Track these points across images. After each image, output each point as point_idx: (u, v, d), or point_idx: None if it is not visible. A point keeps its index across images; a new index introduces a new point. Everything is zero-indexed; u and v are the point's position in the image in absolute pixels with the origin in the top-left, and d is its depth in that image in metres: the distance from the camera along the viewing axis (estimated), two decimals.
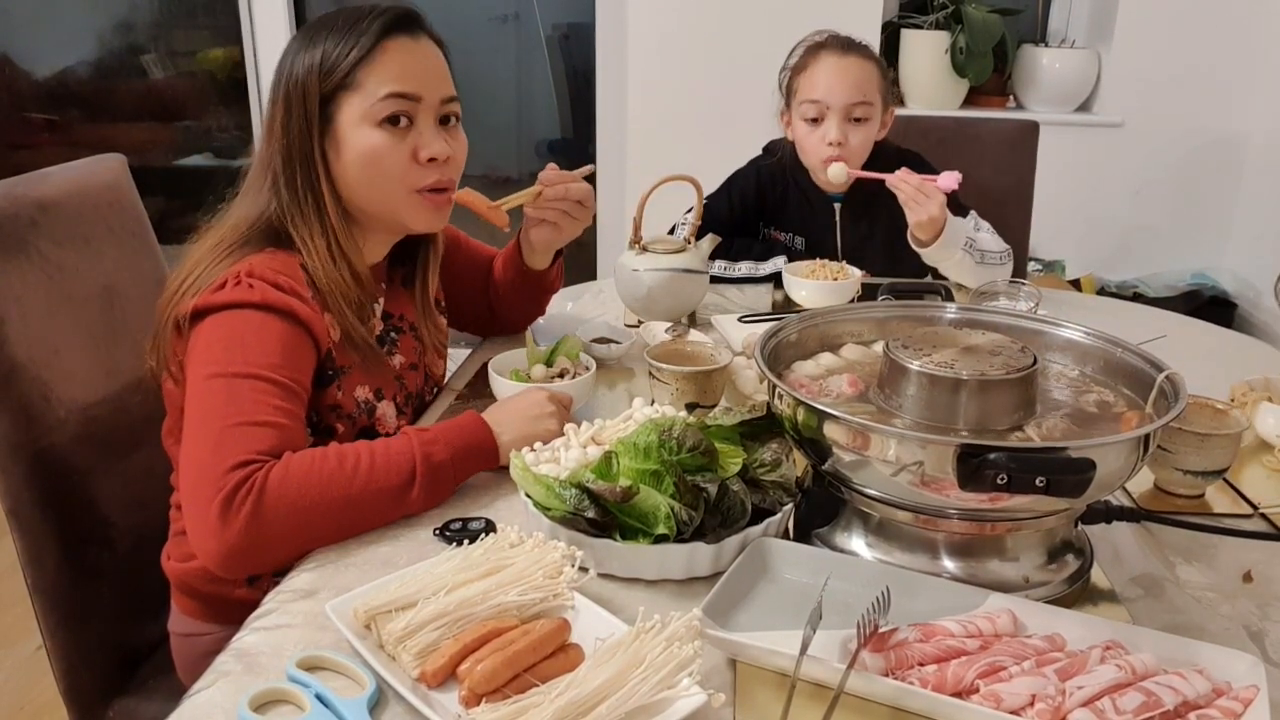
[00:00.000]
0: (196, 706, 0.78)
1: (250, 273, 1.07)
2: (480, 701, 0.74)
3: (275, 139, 1.14)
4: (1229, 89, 3.03)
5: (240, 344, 1.04)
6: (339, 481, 0.98)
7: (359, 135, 1.13)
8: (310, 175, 1.14)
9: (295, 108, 1.13)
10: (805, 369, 1.10)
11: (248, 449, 0.97)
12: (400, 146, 1.14)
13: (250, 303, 1.05)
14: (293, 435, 1.02)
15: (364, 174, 1.15)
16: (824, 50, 1.78)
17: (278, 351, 1.05)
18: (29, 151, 3.50)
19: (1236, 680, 0.77)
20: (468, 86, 1.19)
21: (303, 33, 1.16)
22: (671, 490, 0.92)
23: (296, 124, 1.13)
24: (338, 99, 1.13)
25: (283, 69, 1.15)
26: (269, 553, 0.97)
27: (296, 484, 0.96)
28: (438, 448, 1.03)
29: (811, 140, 1.79)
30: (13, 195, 1.25)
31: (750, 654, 0.81)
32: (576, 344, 1.35)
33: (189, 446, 1.00)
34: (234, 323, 1.05)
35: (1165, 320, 1.75)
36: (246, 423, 0.99)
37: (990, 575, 0.91)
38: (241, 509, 0.93)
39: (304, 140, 1.13)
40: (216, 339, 1.05)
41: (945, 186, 1.65)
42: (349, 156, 1.14)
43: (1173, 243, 3.18)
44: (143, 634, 1.33)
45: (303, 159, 1.13)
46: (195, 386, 1.03)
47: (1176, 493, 1.11)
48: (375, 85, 1.12)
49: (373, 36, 1.12)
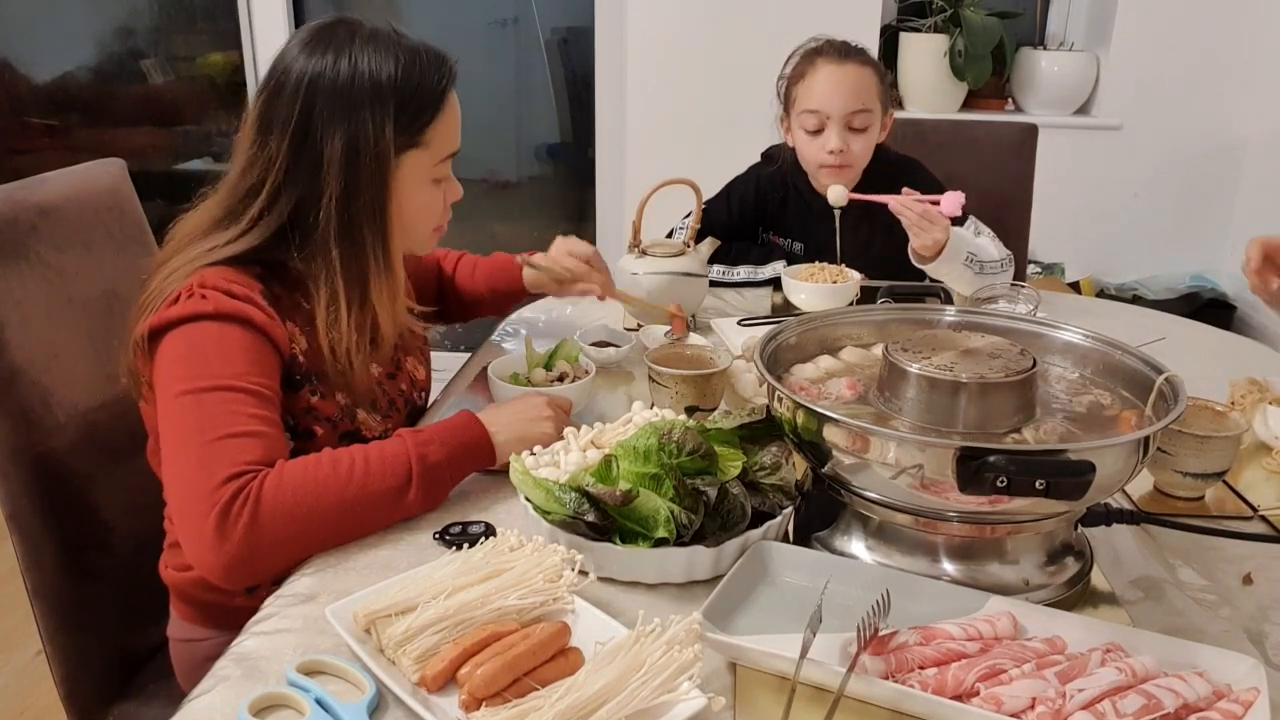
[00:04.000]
0: (196, 712, 0.78)
1: (203, 283, 1.05)
2: (480, 705, 0.74)
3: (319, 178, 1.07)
4: (1227, 91, 3.03)
5: (202, 357, 1.02)
6: (334, 487, 0.97)
7: (420, 191, 1.15)
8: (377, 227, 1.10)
9: (366, 155, 1.07)
10: (805, 372, 1.10)
11: (236, 461, 0.96)
12: (440, 200, 1.19)
13: (204, 314, 1.03)
14: (275, 442, 1.01)
15: (408, 225, 1.16)
16: (821, 58, 1.77)
17: (241, 359, 1.03)
18: (29, 156, 3.50)
19: (1237, 683, 0.77)
20: (467, 90, 1.20)
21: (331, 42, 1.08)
22: (671, 493, 0.92)
23: (369, 173, 1.08)
24: (405, 153, 1.12)
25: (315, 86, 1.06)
26: (268, 561, 0.96)
27: (292, 491, 0.95)
28: (433, 448, 1.03)
29: (812, 149, 1.78)
30: (13, 200, 1.25)
31: (750, 657, 0.81)
32: (575, 347, 1.35)
33: (172, 466, 0.98)
34: (192, 337, 1.03)
35: (1164, 322, 1.75)
36: (227, 435, 0.97)
37: (990, 578, 0.91)
38: (239, 521, 0.93)
39: (377, 191, 1.09)
40: (178, 355, 1.03)
41: (949, 211, 1.63)
42: (406, 208, 1.14)
43: (1172, 245, 3.18)
44: (142, 639, 1.33)
45: (370, 210, 1.09)
46: (166, 405, 1.01)
47: (1176, 495, 1.11)
48: (440, 145, 1.15)
49: (445, 91, 1.13)
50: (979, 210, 1.82)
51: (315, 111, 1.07)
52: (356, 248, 1.11)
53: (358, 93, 1.07)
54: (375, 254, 1.12)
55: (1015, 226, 2.15)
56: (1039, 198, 2.23)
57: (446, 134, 1.15)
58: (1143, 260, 3.19)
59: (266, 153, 1.08)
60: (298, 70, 1.07)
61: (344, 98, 1.07)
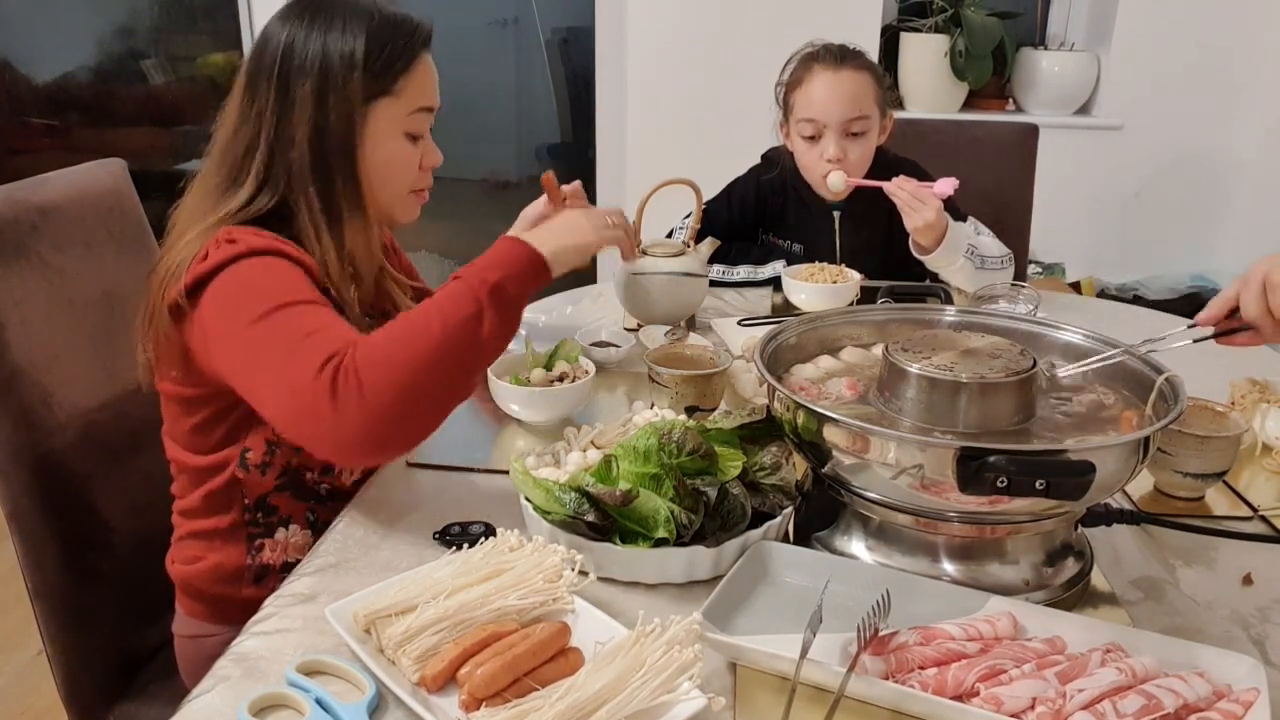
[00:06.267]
0: (196, 711, 0.78)
1: (229, 236, 1.07)
2: (480, 706, 0.74)
3: (292, 120, 1.12)
4: (1228, 91, 3.04)
5: (254, 289, 1.04)
6: (420, 333, 0.98)
7: (391, 142, 1.17)
8: (345, 166, 1.14)
9: (334, 96, 1.12)
10: (805, 372, 1.10)
11: (323, 351, 0.97)
12: (415, 156, 1.21)
13: (241, 254, 1.05)
14: (349, 328, 1.02)
15: (382, 177, 1.18)
16: (817, 64, 1.76)
17: (289, 281, 1.05)
18: (29, 156, 3.50)
19: (1237, 683, 0.77)
20: (467, 91, 1.21)
21: (308, 7, 1.14)
22: (671, 494, 0.92)
23: (337, 113, 1.12)
24: (377, 100, 1.14)
25: (292, 44, 1.12)
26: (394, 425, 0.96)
27: (384, 352, 0.96)
28: (491, 272, 1.03)
29: (810, 157, 1.78)
30: (13, 200, 1.25)
31: (750, 657, 0.81)
32: (575, 348, 1.35)
33: (266, 387, 1.00)
34: (239, 275, 1.05)
35: (1165, 322, 1.74)
36: (304, 336, 0.99)
37: (990, 578, 0.91)
38: (349, 396, 0.94)
39: (344, 131, 1.13)
40: (230, 295, 1.04)
41: (941, 192, 1.65)
42: (376, 157, 1.16)
43: (1172, 245, 3.18)
44: (143, 638, 1.33)
45: (338, 149, 1.13)
46: (235, 340, 1.02)
47: (1176, 495, 1.11)
48: (413, 96, 1.16)
49: (416, 47, 1.16)
50: (979, 210, 1.82)
51: (293, 63, 1.12)
52: (327, 185, 1.14)
53: (330, 41, 1.12)
54: (347, 194, 1.15)
55: (1015, 226, 2.15)
56: (1039, 198, 2.23)
57: (420, 87, 1.17)
58: (1143, 260, 3.19)
59: (255, 109, 1.13)
60: (278, 31, 1.14)
61: (318, 46, 1.12)
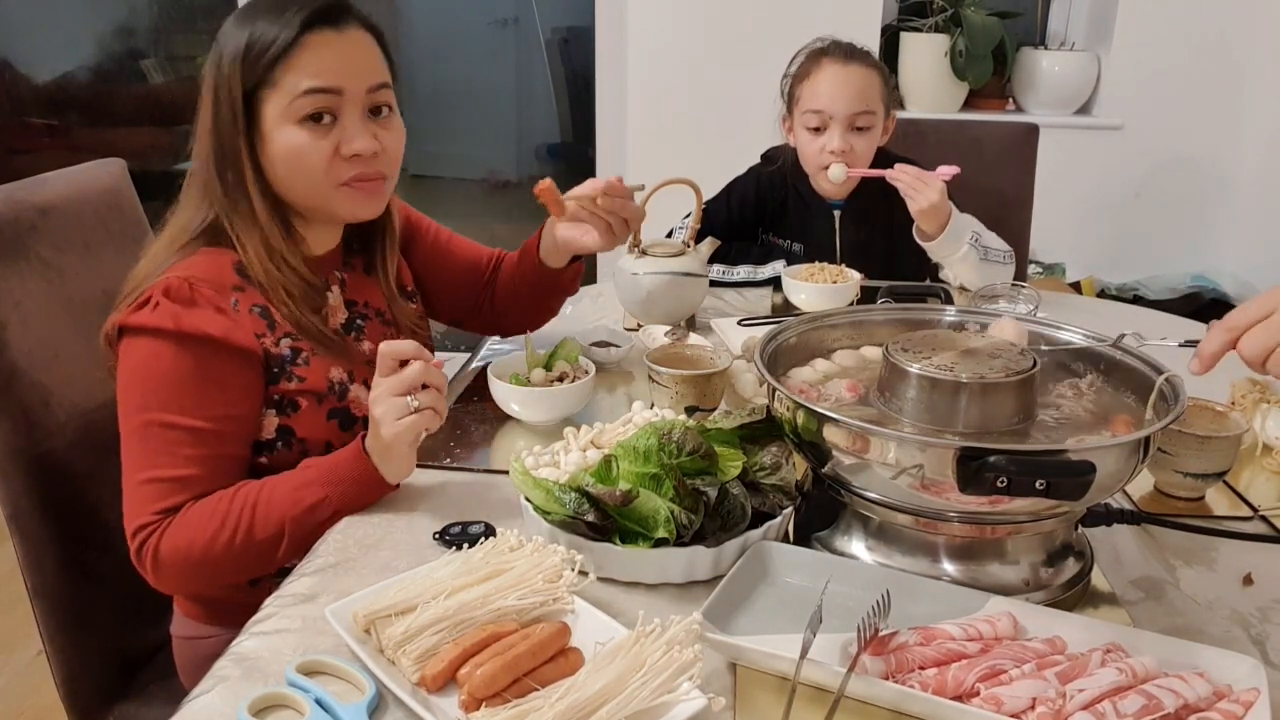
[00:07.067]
0: (195, 712, 0.78)
1: (167, 291, 1.07)
2: (480, 706, 0.74)
3: (206, 134, 1.13)
4: (1228, 91, 3.03)
5: (154, 384, 1.07)
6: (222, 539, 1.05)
7: (281, 134, 1.12)
8: (240, 172, 1.13)
9: (223, 102, 1.12)
10: (805, 373, 1.10)
11: (147, 510, 1.06)
12: (322, 144, 1.13)
13: (165, 330, 1.06)
14: (201, 480, 1.07)
15: (288, 171, 1.14)
16: (826, 58, 1.78)
17: (192, 391, 1.07)
18: (29, 156, 3.50)
19: (1237, 683, 0.77)
20: (467, 90, 1.19)
21: (240, 13, 1.14)
22: (671, 494, 0.92)
23: (224, 119, 1.12)
24: (260, 95, 1.12)
25: (214, 55, 1.13)
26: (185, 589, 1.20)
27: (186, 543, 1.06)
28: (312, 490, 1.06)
29: (813, 148, 1.79)
30: (13, 200, 1.25)
31: (750, 657, 0.81)
32: (575, 347, 1.35)
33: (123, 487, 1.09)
34: (148, 356, 1.08)
35: (1165, 322, 1.75)
36: (152, 480, 1.06)
37: (990, 578, 0.91)
38: (147, 571, 1.08)
39: (231, 136, 1.12)
40: (134, 373, 1.08)
41: (943, 175, 1.66)
42: (274, 154, 1.13)
43: (1173, 245, 3.18)
44: (143, 639, 1.33)
45: (232, 156, 1.13)
46: (120, 421, 1.09)
47: (1177, 495, 1.11)
48: (294, 82, 1.11)
49: (293, 30, 1.10)
50: (979, 210, 1.82)
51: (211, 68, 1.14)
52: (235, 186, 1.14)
53: (226, 39, 1.13)
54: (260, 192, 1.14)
55: (1015, 226, 2.14)
56: (1039, 198, 2.23)
57: (303, 70, 1.10)
58: (1143, 260, 3.19)
59: (201, 121, 1.15)
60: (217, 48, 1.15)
61: (219, 47, 1.14)
